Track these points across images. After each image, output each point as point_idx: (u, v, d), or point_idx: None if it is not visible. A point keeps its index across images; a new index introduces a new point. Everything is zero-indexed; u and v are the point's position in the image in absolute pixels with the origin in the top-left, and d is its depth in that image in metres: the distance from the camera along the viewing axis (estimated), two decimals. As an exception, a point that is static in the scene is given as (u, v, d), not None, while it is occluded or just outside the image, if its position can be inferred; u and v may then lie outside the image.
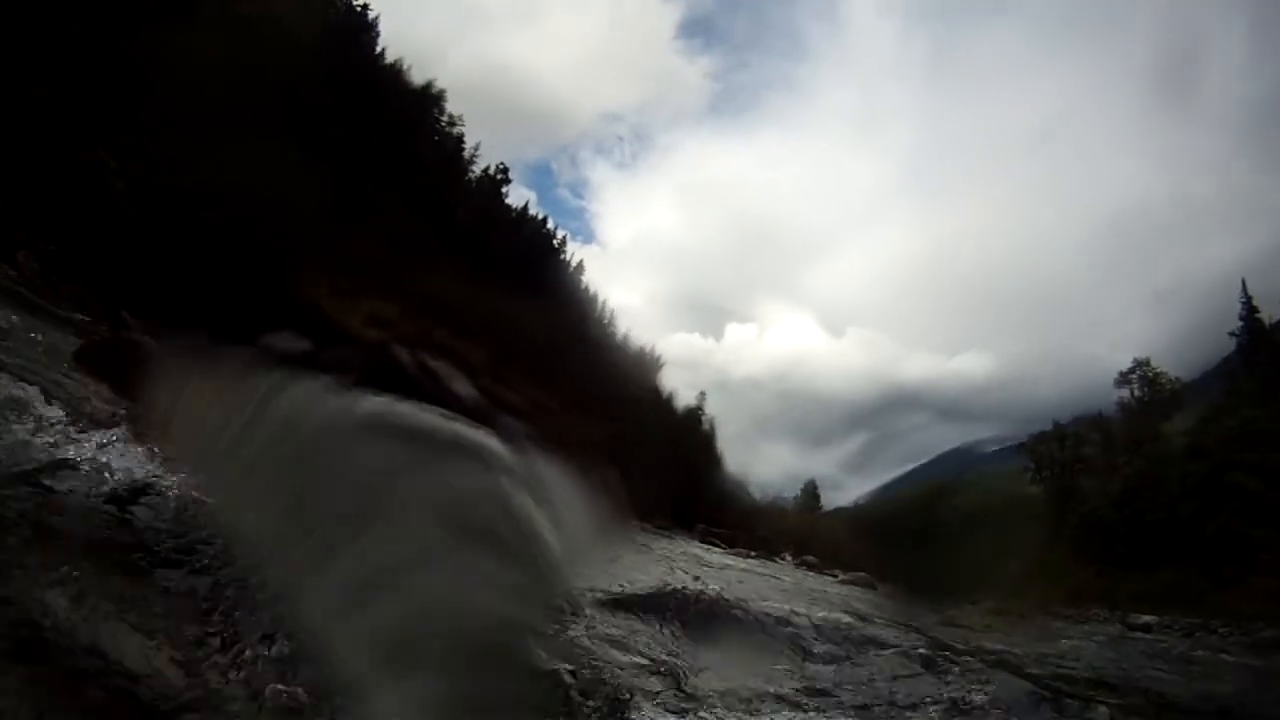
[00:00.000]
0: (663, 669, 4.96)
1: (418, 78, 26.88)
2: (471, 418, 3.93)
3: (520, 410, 4.15)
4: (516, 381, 4.51)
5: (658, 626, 5.87)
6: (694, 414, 30.94)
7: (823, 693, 5.31)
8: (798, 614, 7.51)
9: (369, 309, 4.62)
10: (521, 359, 4.78)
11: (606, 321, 31.34)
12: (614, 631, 5.38)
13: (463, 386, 4.13)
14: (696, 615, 6.40)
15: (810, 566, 13.15)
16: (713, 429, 31.74)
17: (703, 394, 33.02)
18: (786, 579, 11.67)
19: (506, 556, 3.60)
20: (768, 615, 7.09)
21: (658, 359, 32.92)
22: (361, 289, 4.96)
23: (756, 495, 29.91)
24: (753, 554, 17.11)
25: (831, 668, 6.08)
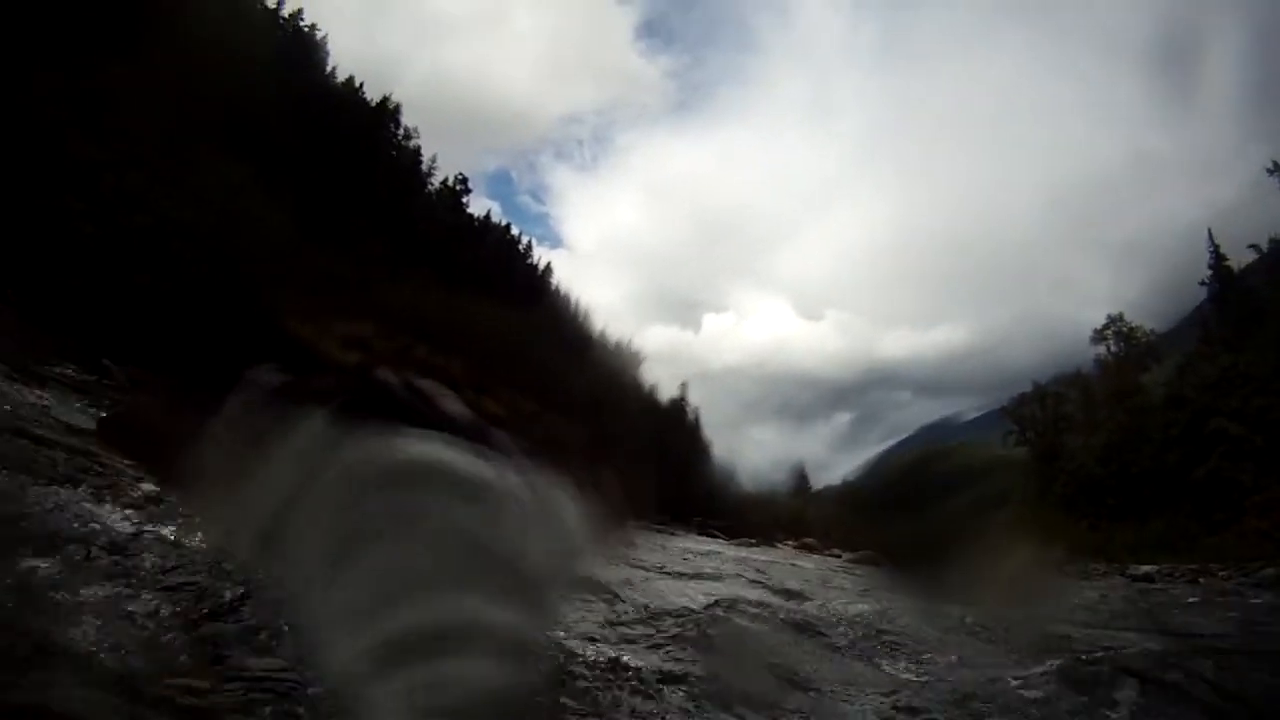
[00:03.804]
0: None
1: (373, 93, 26.79)
2: (467, 437, 3.86)
3: (505, 421, 4.09)
4: (496, 390, 4.46)
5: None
6: (678, 405, 31.06)
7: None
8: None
9: (343, 330, 4.52)
10: (499, 366, 4.76)
11: (581, 319, 31.26)
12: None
13: (453, 405, 4.05)
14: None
15: (811, 549, 13.36)
16: (698, 419, 31.82)
17: (685, 384, 32.93)
18: (808, 565, 11.78)
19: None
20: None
21: (637, 353, 32.80)
22: (333, 310, 4.87)
23: (746, 483, 30.05)
24: (753, 542, 17.20)
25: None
